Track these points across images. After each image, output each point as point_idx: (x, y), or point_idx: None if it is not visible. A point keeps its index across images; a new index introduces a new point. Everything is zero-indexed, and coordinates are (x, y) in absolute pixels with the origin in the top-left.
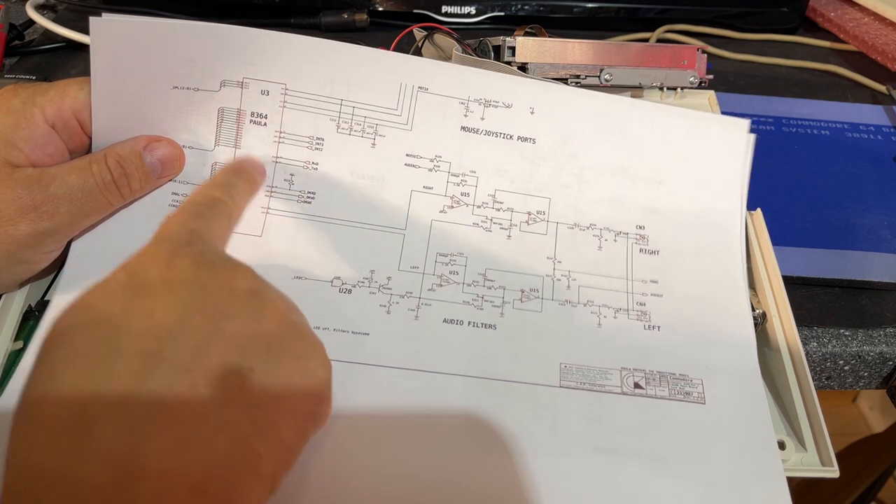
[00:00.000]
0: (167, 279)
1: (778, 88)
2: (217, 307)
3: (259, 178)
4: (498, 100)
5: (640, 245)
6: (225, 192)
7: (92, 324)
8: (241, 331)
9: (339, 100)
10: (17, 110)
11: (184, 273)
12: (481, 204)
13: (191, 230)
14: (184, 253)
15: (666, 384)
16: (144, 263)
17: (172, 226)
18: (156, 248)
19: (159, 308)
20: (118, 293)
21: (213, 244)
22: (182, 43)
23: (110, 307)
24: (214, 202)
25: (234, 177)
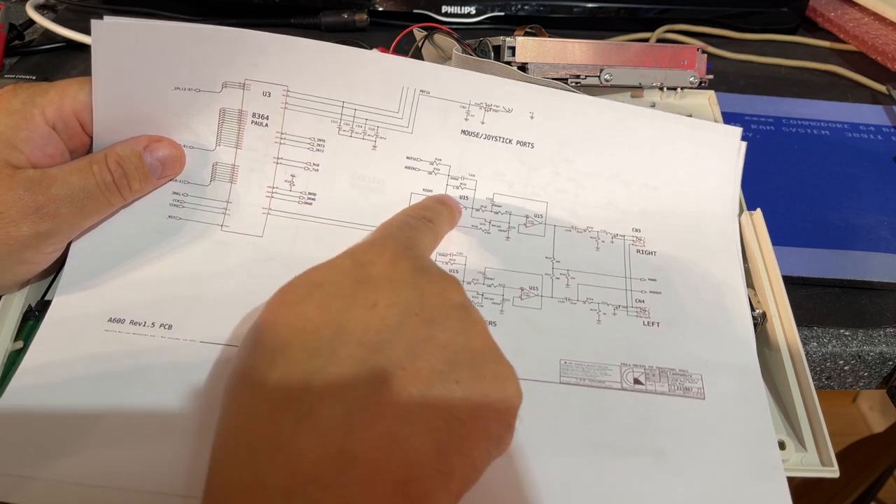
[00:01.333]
0: (390, 276)
1: (778, 88)
2: (431, 313)
3: (457, 215)
4: (498, 104)
5: (637, 246)
6: (434, 216)
7: (322, 300)
8: (450, 341)
9: (340, 102)
10: (17, 111)
11: (405, 274)
12: (480, 207)
13: (409, 236)
14: (406, 255)
15: (665, 380)
16: (370, 255)
17: (394, 227)
18: (380, 245)
19: (382, 301)
20: (346, 277)
21: (427, 255)
22: (183, 45)
23: (340, 290)
24: (426, 221)
25: (440, 206)
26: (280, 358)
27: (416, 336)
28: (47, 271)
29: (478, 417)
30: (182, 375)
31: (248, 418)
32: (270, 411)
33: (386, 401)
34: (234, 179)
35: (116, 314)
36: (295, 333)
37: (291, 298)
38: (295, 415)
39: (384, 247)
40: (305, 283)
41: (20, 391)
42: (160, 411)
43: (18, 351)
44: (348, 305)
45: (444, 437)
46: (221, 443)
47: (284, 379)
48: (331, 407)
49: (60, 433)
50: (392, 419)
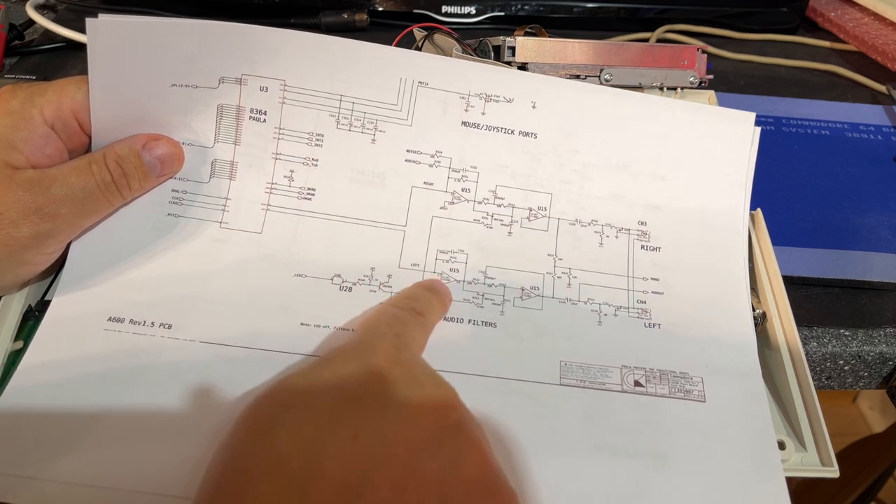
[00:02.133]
0: (377, 394)
1: (778, 88)
2: (422, 437)
3: (448, 301)
4: (499, 94)
5: (642, 241)
6: (424, 307)
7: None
8: (443, 472)
9: (338, 95)
10: (15, 111)
11: (394, 390)
12: (482, 200)
13: (397, 334)
14: (395, 363)
15: (666, 382)
16: (351, 364)
17: (381, 323)
18: (366, 350)
19: (365, 429)
20: (326, 396)
21: (418, 356)
22: (179, 41)
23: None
24: (416, 314)
25: (430, 293)
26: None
27: (402, 470)
28: (47, 271)
29: None
30: (182, 375)
31: None
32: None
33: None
34: (233, 176)
35: (116, 314)
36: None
37: (262, 424)
38: None
39: (370, 353)
40: (278, 402)
41: (20, 391)
42: (160, 411)
43: (18, 351)
44: (325, 434)
45: None
46: None
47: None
48: None
49: (60, 433)
50: None
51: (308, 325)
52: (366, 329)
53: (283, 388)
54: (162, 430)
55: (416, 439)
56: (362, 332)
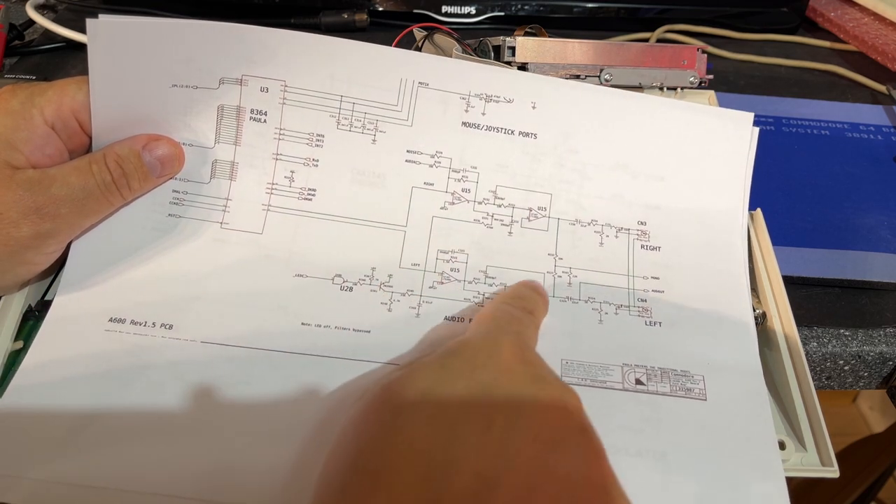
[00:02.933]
0: (507, 387)
1: (778, 88)
2: (551, 437)
3: (548, 303)
4: (499, 95)
5: (642, 241)
6: (534, 306)
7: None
8: (571, 474)
9: (338, 96)
10: (16, 111)
11: (522, 385)
12: (482, 200)
13: (517, 332)
14: (521, 358)
15: (667, 380)
16: (482, 357)
17: (502, 320)
18: (493, 344)
19: (498, 421)
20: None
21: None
22: (179, 42)
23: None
24: (528, 313)
25: (536, 294)
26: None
27: (535, 468)
28: (47, 271)
29: None
30: (182, 375)
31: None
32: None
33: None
34: (234, 176)
35: (117, 314)
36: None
37: (396, 413)
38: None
39: (497, 346)
40: (410, 393)
41: (21, 391)
42: (161, 411)
43: (18, 351)
44: (460, 424)
45: None
46: None
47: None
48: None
49: (61, 433)
50: None
51: (309, 324)
52: (487, 325)
53: (413, 380)
54: (163, 431)
55: (545, 437)
56: (484, 328)
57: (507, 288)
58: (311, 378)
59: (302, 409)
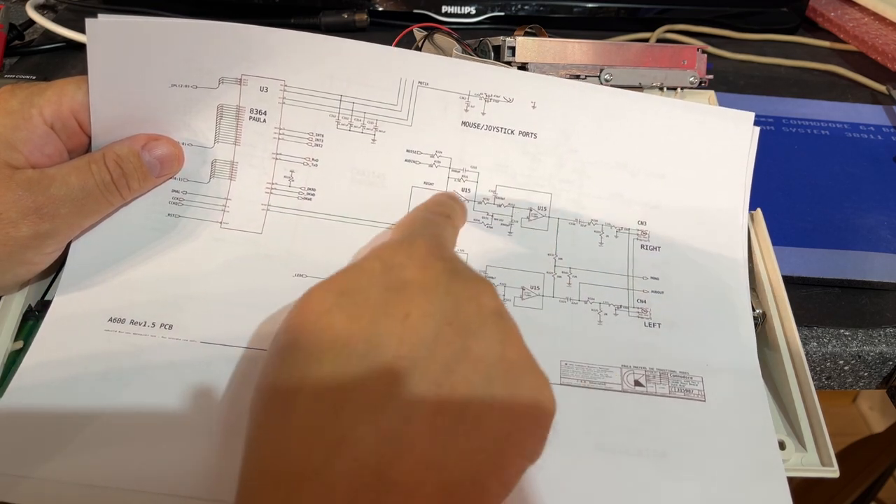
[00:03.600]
0: (422, 281)
1: (778, 88)
2: (466, 322)
3: (466, 211)
4: (499, 94)
5: (642, 241)
6: (450, 211)
7: (352, 310)
8: (486, 353)
9: (338, 95)
10: (15, 111)
11: (438, 278)
12: (482, 200)
13: (435, 234)
14: (437, 256)
15: (666, 382)
16: (399, 257)
17: (418, 224)
18: (409, 245)
19: (415, 311)
20: (376, 283)
21: (455, 253)
22: (179, 41)
23: (369, 298)
24: (446, 217)
25: (453, 202)
26: (309, 374)
27: (450, 349)
28: (47, 271)
29: (513, 435)
30: (182, 376)
31: (279, 439)
32: (302, 434)
33: (421, 425)
34: (233, 176)
35: (117, 314)
36: (324, 348)
37: (319, 307)
38: (327, 440)
39: (413, 247)
40: (333, 290)
41: (21, 391)
42: (161, 412)
43: (18, 351)
44: (379, 316)
45: (479, 458)
46: (251, 467)
47: (315, 398)
48: (364, 433)
49: (61, 433)
50: (428, 444)
51: None
52: (404, 229)
53: (336, 279)
54: (163, 430)
55: (461, 322)
56: (402, 231)
57: None
58: None
59: None
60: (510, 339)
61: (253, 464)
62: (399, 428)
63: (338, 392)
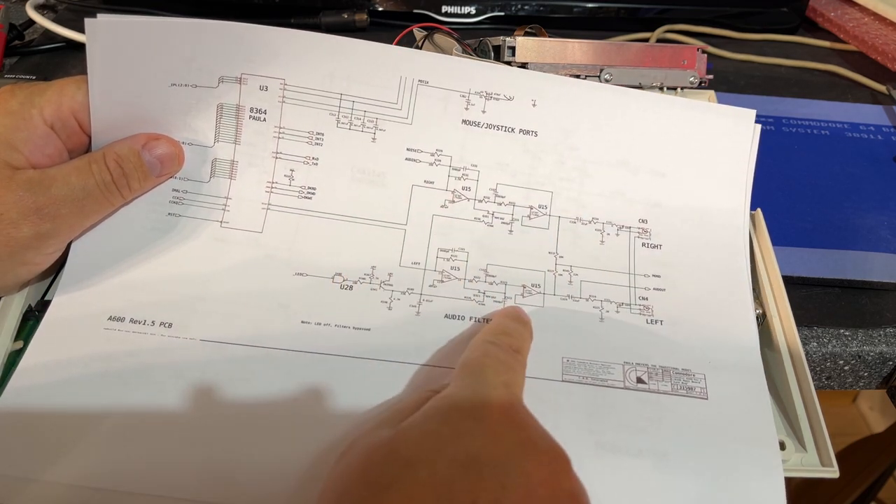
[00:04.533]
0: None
1: (778, 88)
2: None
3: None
4: (499, 92)
5: (643, 239)
6: (519, 343)
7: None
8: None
9: (338, 94)
10: (15, 112)
11: (511, 453)
12: (483, 198)
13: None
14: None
15: (668, 379)
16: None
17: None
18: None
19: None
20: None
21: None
22: (178, 41)
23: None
24: (515, 352)
25: (521, 327)
26: None
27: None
28: (47, 271)
29: None
30: (183, 375)
31: None
32: None
33: None
34: (234, 175)
35: (117, 313)
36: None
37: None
38: None
39: (485, 407)
40: (393, 459)
41: (20, 391)
42: (161, 411)
43: (18, 351)
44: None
45: None
46: None
47: None
48: None
49: (60, 434)
50: None
51: (309, 323)
52: (474, 376)
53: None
54: (163, 430)
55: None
56: (472, 381)
57: (489, 320)
58: (311, 376)
59: (302, 408)
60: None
61: None
62: None
63: None
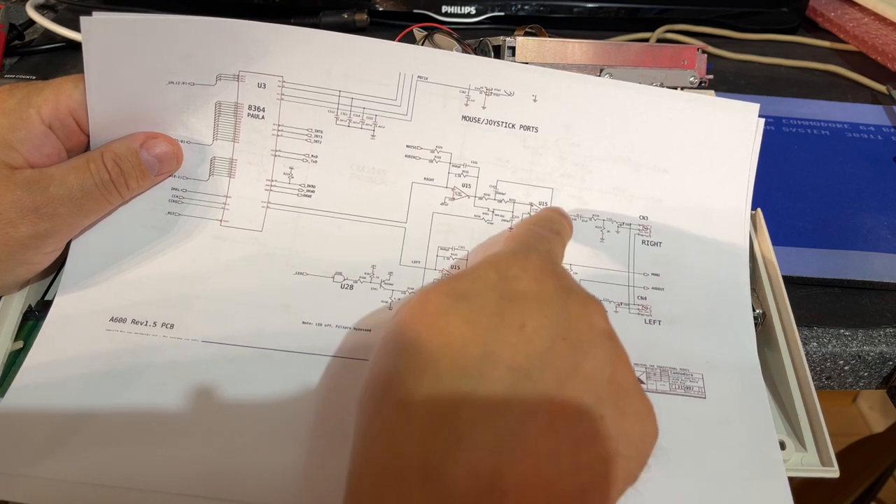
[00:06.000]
0: (537, 294)
1: (778, 88)
2: (578, 339)
3: (572, 230)
4: (499, 88)
5: (643, 236)
6: (560, 228)
7: (469, 316)
8: (596, 372)
9: (337, 91)
10: (13, 111)
11: (552, 293)
12: (483, 195)
13: (548, 250)
14: (551, 271)
15: (667, 379)
16: (515, 269)
17: (531, 238)
18: (524, 258)
19: (530, 322)
20: (492, 292)
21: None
22: (175, 38)
23: (486, 305)
24: (556, 234)
25: (562, 218)
26: (427, 375)
27: (563, 364)
28: (47, 271)
29: (619, 456)
30: (184, 375)
31: (396, 438)
32: (420, 434)
33: (534, 434)
34: (233, 173)
35: (118, 313)
36: (441, 349)
37: (434, 309)
38: (445, 441)
39: (528, 260)
40: (449, 293)
41: (23, 391)
42: (162, 411)
43: (18, 351)
44: (496, 324)
45: (586, 477)
46: (364, 464)
47: (433, 399)
48: (481, 436)
49: (62, 432)
50: (540, 455)
51: (310, 323)
52: (518, 241)
53: (451, 283)
54: (164, 430)
55: (573, 338)
56: (516, 244)
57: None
58: (312, 377)
59: (303, 408)
60: (620, 362)
61: (366, 461)
62: (514, 435)
63: (455, 394)
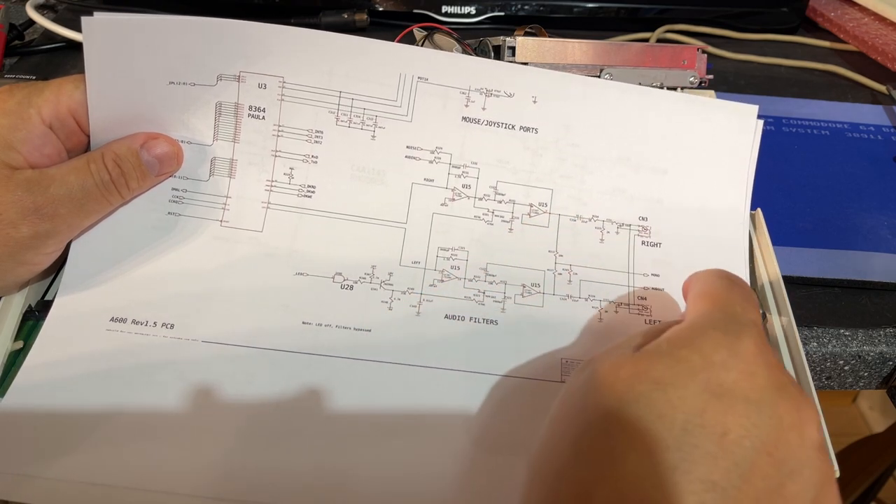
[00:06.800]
0: (746, 393)
1: (778, 88)
2: (786, 454)
3: None
4: (499, 89)
5: (643, 237)
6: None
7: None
8: (800, 496)
9: (337, 92)
10: (13, 112)
11: (763, 392)
12: (483, 196)
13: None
14: (764, 362)
15: None
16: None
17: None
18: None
19: (734, 430)
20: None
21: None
22: (176, 39)
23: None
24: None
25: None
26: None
27: (765, 484)
28: (47, 271)
29: None
30: (184, 375)
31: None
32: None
33: None
34: (233, 174)
35: (118, 313)
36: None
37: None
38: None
39: (740, 342)
40: (642, 377)
41: (23, 391)
42: (162, 411)
43: (19, 351)
44: (694, 425)
45: None
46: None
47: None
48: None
49: (63, 432)
50: None
51: (310, 323)
52: (723, 309)
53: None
54: (164, 430)
55: (781, 453)
56: (721, 313)
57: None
58: (312, 377)
59: (303, 409)
60: (828, 485)
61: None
62: None
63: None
